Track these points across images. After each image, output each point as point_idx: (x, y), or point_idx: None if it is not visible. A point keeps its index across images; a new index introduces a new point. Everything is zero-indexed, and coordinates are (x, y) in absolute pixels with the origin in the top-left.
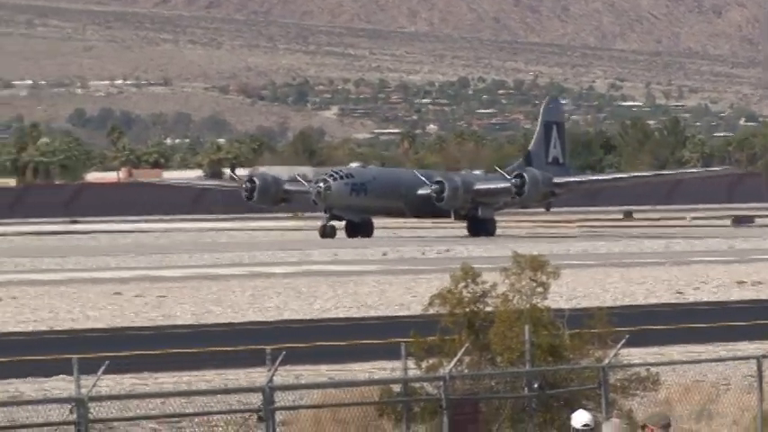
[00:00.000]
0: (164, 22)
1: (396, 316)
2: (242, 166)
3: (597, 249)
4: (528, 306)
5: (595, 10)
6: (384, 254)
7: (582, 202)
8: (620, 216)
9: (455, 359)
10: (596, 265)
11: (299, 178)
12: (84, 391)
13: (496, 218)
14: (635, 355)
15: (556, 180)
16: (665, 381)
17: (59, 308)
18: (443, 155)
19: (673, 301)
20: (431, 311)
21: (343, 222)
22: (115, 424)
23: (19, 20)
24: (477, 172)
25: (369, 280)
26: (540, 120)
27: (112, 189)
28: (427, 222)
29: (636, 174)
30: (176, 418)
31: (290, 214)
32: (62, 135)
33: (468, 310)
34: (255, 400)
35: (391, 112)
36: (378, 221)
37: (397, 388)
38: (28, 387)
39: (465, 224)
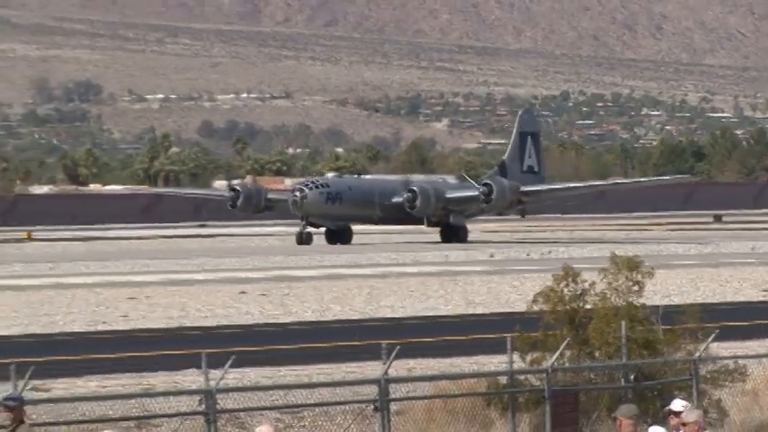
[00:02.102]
0: (285, 40)
1: (502, 313)
2: (359, 173)
3: (688, 251)
4: (624, 303)
5: (687, 28)
6: (491, 255)
7: (674, 206)
8: (711, 219)
9: (557, 353)
10: (688, 265)
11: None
12: (212, 383)
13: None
14: (724, 348)
15: (523, 188)
16: (752, 373)
17: (189, 306)
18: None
19: (760, 299)
20: (535, 309)
21: (323, 230)
22: (241, 414)
23: (151, 38)
24: (451, 180)
25: (476, 279)
26: (515, 130)
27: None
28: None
29: (597, 183)
30: (298, 409)
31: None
32: (191, 145)
33: (568, 307)
34: (372, 391)
35: (498, 124)
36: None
37: (503, 380)
38: (160, 380)
39: (438, 230)
